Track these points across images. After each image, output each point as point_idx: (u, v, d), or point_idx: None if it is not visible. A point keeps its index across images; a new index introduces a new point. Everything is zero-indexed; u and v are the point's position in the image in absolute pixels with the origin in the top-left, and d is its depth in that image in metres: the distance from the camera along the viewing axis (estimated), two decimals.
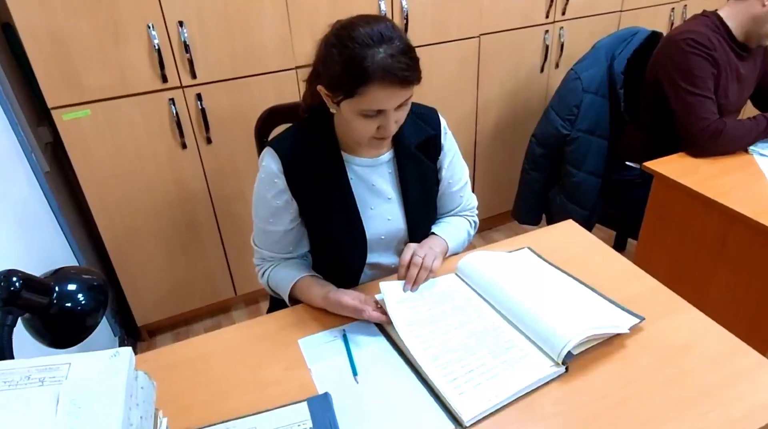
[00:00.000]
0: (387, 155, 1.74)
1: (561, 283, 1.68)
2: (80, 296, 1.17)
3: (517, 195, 3.25)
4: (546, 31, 3.48)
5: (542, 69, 3.61)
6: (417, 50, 1.49)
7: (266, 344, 1.55)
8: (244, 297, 3.50)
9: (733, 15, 2.50)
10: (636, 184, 2.82)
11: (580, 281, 1.69)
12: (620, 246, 3.64)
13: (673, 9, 3.91)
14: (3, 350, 1.06)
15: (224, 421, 1.31)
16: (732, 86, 2.53)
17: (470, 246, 1.96)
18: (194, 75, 2.65)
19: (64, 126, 2.52)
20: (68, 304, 1.15)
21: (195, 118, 2.75)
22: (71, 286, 1.17)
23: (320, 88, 1.54)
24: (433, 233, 1.85)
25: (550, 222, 3.10)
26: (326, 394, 1.35)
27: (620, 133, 2.87)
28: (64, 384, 0.89)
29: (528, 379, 1.36)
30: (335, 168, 1.68)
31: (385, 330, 1.56)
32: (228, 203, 3.03)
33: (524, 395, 1.35)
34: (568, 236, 1.95)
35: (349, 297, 1.57)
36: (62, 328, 1.16)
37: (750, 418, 1.27)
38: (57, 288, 1.15)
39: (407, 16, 2.99)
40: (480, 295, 1.65)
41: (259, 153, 1.72)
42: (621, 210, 2.94)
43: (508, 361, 1.42)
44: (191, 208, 2.96)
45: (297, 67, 2.85)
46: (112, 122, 2.60)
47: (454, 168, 1.87)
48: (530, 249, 1.85)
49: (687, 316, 1.57)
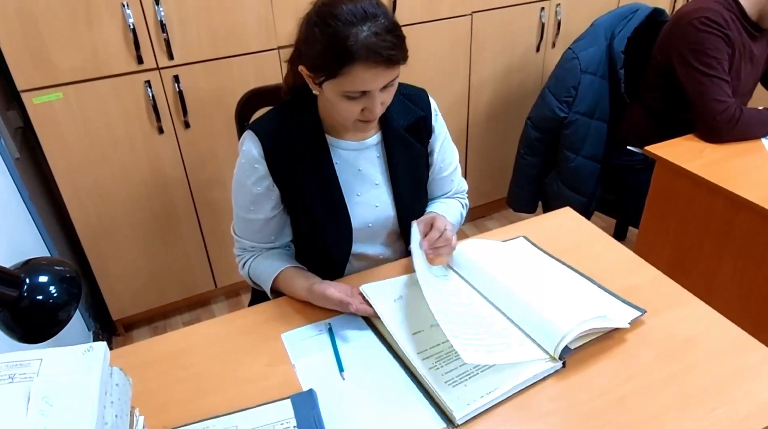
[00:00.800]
0: (374, 138, 1.74)
1: (558, 274, 1.68)
2: (52, 289, 1.16)
3: (512, 181, 3.24)
4: (542, 9, 3.47)
5: (538, 48, 3.60)
6: (405, 30, 1.48)
7: (248, 339, 1.54)
8: (225, 289, 3.50)
9: None
10: (637, 169, 2.83)
11: (578, 272, 1.69)
12: (620, 235, 3.65)
13: None
14: None
15: (203, 420, 1.30)
16: (745, 67, 2.53)
17: (462, 235, 1.96)
18: (171, 56, 2.64)
19: (35, 110, 2.51)
20: (39, 297, 1.14)
21: (172, 101, 2.74)
22: (42, 278, 1.16)
23: (302, 69, 1.53)
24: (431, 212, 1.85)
25: (547, 209, 3.10)
26: (311, 391, 1.35)
27: (620, 116, 2.87)
28: (36, 381, 0.89)
29: (523, 375, 1.36)
30: (319, 152, 1.67)
31: (373, 324, 1.56)
32: (207, 191, 3.02)
33: (519, 392, 1.35)
34: (566, 224, 1.95)
35: (335, 289, 1.57)
36: (33, 322, 1.15)
37: (757, 416, 1.27)
38: (27, 280, 1.14)
39: None
40: (473, 287, 1.65)
41: (240, 137, 1.72)
42: (621, 196, 2.95)
43: (503, 355, 1.41)
44: (168, 196, 2.95)
45: (279, 48, 2.84)
46: (85, 106, 2.59)
47: (445, 152, 1.87)
48: (526, 238, 1.85)
49: (691, 309, 1.57)
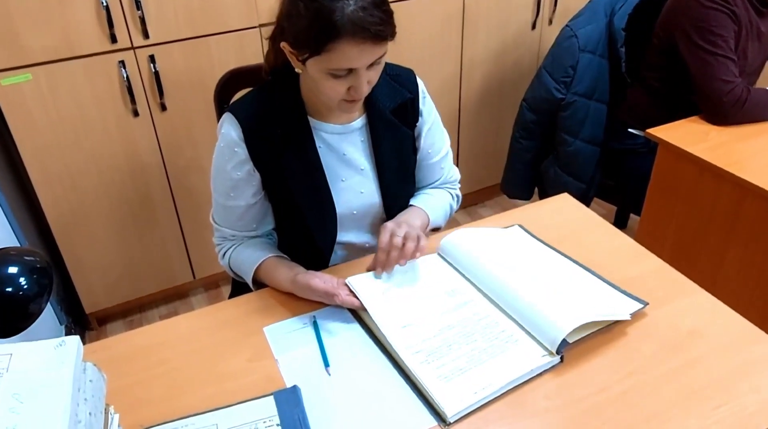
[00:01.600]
0: (359, 121, 1.73)
1: (555, 264, 1.68)
2: (22, 280, 1.15)
3: (506, 166, 3.25)
4: None
5: (534, 26, 3.60)
6: (394, 6, 1.48)
7: (228, 333, 1.54)
8: (204, 281, 3.50)
9: None
10: (639, 153, 2.83)
11: (577, 262, 1.69)
12: (621, 222, 3.66)
13: None
14: None
15: (181, 418, 1.30)
16: (752, 45, 2.52)
17: (454, 223, 1.96)
18: (146, 35, 2.63)
19: (3, 92, 2.50)
20: (8, 289, 1.13)
21: (148, 83, 2.73)
22: (12, 269, 1.15)
23: (284, 46, 1.53)
24: (411, 205, 1.85)
25: (543, 196, 3.10)
26: (295, 388, 1.35)
27: (621, 97, 2.87)
28: (5, 377, 0.88)
29: (518, 371, 1.36)
30: (302, 135, 1.67)
31: (360, 316, 1.56)
32: (185, 176, 3.02)
33: (514, 388, 1.35)
34: (563, 212, 1.95)
35: (320, 280, 1.57)
36: (2, 316, 1.14)
37: (765, 413, 1.27)
38: None
39: None
40: (465, 277, 1.65)
41: (219, 120, 1.71)
42: (622, 182, 2.95)
43: (497, 350, 1.42)
44: (144, 182, 2.94)
45: (261, 25, 2.83)
46: (56, 88, 2.58)
47: (434, 136, 1.87)
48: (521, 227, 1.85)
49: (695, 300, 1.57)
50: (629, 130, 2.82)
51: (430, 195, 1.92)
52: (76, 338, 0.95)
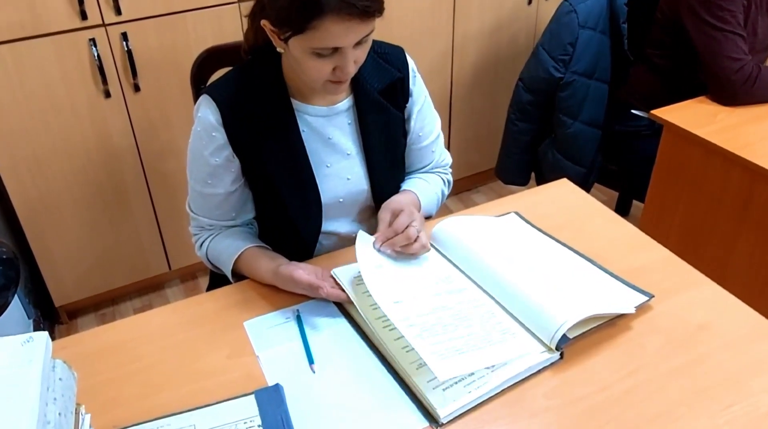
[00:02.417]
0: (345, 103, 1.73)
1: (554, 254, 1.68)
2: None
3: (501, 150, 3.25)
4: None
5: (530, 0, 3.60)
6: None
7: (206, 327, 1.54)
8: (180, 272, 3.50)
9: None
10: (642, 136, 2.84)
11: (577, 251, 1.69)
12: (624, 209, 3.67)
13: None
14: None
15: (157, 418, 1.30)
16: (762, 20, 2.52)
17: (446, 210, 1.96)
18: (119, 11, 2.62)
19: None
20: None
21: (120, 62, 2.72)
22: None
23: (265, 24, 1.51)
24: (404, 190, 1.85)
25: (541, 182, 3.11)
26: (277, 386, 1.35)
27: (623, 76, 2.87)
28: None
29: (515, 368, 1.36)
30: (284, 118, 1.66)
31: (346, 310, 1.56)
32: (160, 162, 3.01)
33: (510, 387, 1.35)
34: (562, 198, 1.96)
35: (304, 271, 1.56)
36: None
37: None
38: None
39: None
40: (458, 268, 1.65)
41: (196, 102, 1.70)
42: (624, 166, 2.96)
43: (495, 338, 1.41)
44: (117, 168, 2.94)
45: (240, 1, 2.82)
46: (22, 67, 2.56)
47: (425, 118, 1.87)
48: (518, 214, 1.85)
49: (703, 292, 1.58)
50: (632, 112, 2.83)
51: (423, 180, 1.92)
52: (45, 334, 0.95)
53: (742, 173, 2.19)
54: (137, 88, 2.80)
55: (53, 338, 1.03)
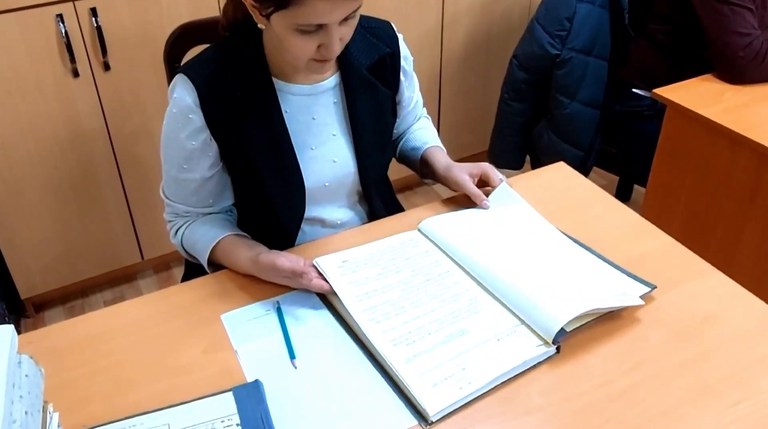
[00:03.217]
0: (331, 80, 1.73)
1: (550, 242, 1.68)
2: None
3: (494, 132, 3.25)
4: None
5: None
6: None
7: (181, 321, 1.53)
8: (153, 262, 3.50)
9: None
10: (644, 117, 2.84)
11: (574, 239, 1.69)
12: (624, 194, 3.69)
13: None
14: None
15: (129, 417, 1.29)
16: None
17: (436, 195, 1.96)
18: None
19: None
20: None
21: (89, 39, 2.72)
22: None
23: None
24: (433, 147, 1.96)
25: (536, 165, 3.11)
26: (256, 383, 1.35)
27: (624, 53, 2.87)
28: None
29: (509, 363, 1.36)
30: (265, 99, 1.66)
31: (330, 302, 1.56)
32: (132, 145, 3.01)
33: (504, 383, 1.35)
34: (559, 182, 1.96)
35: (286, 259, 1.55)
36: None
37: None
38: None
39: None
40: (449, 256, 1.65)
41: (170, 82, 1.70)
42: (625, 149, 2.97)
43: (485, 339, 1.41)
44: (86, 151, 2.93)
45: None
46: None
47: (413, 90, 1.94)
48: (506, 183, 1.83)
49: (709, 282, 1.58)
50: (633, 91, 2.83)
51: (426, 129, 2.06)
52: (10, 327, 0.95)
53: (750, 156, 2.19)
54: (107, 67, 2.79)
55: (19, 332, 1.03)
